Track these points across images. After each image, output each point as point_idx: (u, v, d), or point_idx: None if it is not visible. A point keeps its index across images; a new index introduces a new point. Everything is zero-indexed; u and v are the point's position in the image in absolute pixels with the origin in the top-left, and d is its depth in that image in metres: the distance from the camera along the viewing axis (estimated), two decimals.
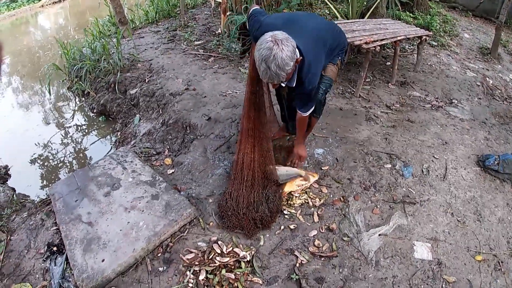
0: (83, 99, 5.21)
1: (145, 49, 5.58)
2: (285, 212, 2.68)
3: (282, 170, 2.87)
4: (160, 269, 2.28)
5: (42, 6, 12.91)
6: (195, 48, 5.53)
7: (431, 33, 5.08)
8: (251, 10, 2.56)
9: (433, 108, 4.24)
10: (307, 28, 2.31)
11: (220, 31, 5.99)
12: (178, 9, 7.43)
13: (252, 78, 2.59)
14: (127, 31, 5.98)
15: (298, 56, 2.11)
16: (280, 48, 1.93)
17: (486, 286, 2.30)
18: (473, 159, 3.37)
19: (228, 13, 5.71)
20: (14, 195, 3.08)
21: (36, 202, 3.00)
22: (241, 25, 2.86)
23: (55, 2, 13.29)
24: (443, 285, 2.26)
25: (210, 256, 2.32)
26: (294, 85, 2.35)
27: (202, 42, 5.75)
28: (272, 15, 2.57)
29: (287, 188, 2.83)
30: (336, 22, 4.89)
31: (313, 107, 2.57)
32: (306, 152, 3.00)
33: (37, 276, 2.29)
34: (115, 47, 5.10)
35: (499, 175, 3.18)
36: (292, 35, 2.06)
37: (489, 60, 6.07)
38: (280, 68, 1.96)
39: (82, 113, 5.06)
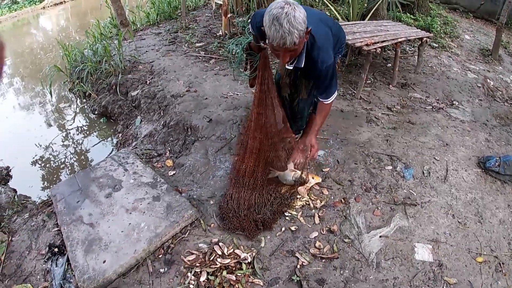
0: (85, 100, 5.22)
1: (146, 51, 5.60)
2: (286, 213, 2.68)
3: (283, 175, 2.84)
4: (161, 270, 2.28)
5: (44, 7, 12.94)
6: (196, 50, 5.55)
7: (431, 34, 5.08)
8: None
9: (434, 110, 4.25)
10: (312, 15, 2.18)
11: (221, 33, 6.01)
12: (179, 11, 7.45)
13: (259, 99, 2.57)
14: (128, 33, 6.00)
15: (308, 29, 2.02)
16: (292, 7, 1.85)
17: None
18: (474, 161, 3.37)
19: (229, 15, 5.72)
20: (16, 196, 3.09)
21: (37, 203, 3.00)
22: (247, 45, 2.83)
23: (57, 4, 13.33)
24: (444, 287, 2.26)
25: (211, 258, 2.32)
26: (302, 66, 2.26)
27: (203, 44, 5.77)
28: None
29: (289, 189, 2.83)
30: None
31: (336, 92, 2.43)
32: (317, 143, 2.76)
33: (38, 277, 2.29)
34: (116, 49, 5.11)
35: (500, 176, 3.18)
36: None
37: (490, 62, 6.08)
38: (292, 25, 1.84)
39: (84, 115, 5.07)
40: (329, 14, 6.67)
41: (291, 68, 2.35)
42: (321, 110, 2.53)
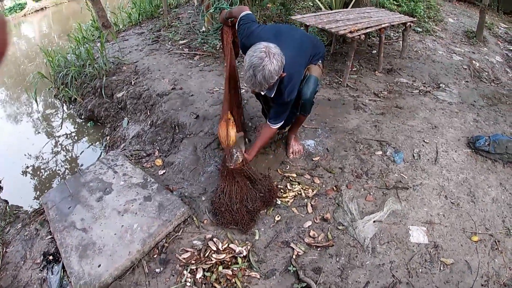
0: (71, 105, 5.16)
1: (130, 52, 5.54)
2: (278, 203, 2.68)
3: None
4: (157, 270, 2.26)
5: (25, 15, 12.78)
6: (180, 47, 5.51)
7: (415, 19, 5.10)
8: (242, 13, 2.55)
9: (421, 93, 4.26)
10: (294, 37, 2.45)
11: (204, 29, 5.97)
12: (161, 9, 7.40)
13: (228, 109, 2.71)
14: (111, 35, 5.93)
15: (283, 71, 2.20)
16: (270, 61, 2.04)
17: (484, 266, 2.32)
18: (463, 141, 3.39)
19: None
20: (7, 207, 3.05)
21: (29, 212, 2.96)
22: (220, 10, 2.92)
23: (38, 10, 13.16)
24: (441, 268, 2.28)
25: (206, 254, 2.31)
26: (272, 96, 2.39)
27: (187, 41, 5.73)
28: (264, 28, 2.54)
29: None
30: (319, 13, 4.89)
31: (283, 122, 2.65)
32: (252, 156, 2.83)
33: (35, 286, 2.27)
34: (99, 52, 5.05)
35: (490, 155, 3.20)
36: (281, 44, 2.18)
37: (475, 43, 6.12)
38: (265, 79, 2.07)
39: (71, 120, 5.01)
40: (312, 4, 6.68)
41: (263, 94, 2.45)
42: (266, 134, 2.72)
